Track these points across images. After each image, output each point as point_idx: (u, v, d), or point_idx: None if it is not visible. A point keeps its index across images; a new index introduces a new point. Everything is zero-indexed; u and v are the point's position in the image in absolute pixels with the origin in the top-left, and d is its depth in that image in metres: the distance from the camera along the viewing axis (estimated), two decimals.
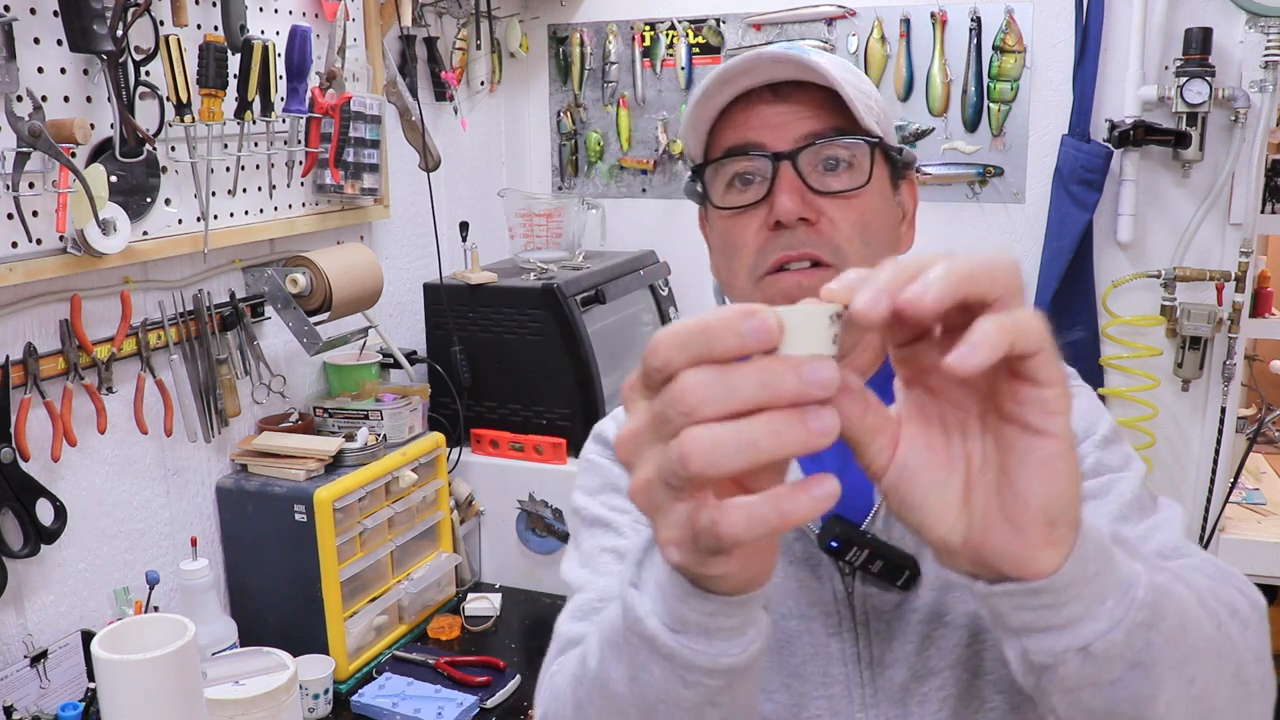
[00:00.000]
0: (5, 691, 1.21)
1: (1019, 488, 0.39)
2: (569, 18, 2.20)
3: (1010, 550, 0.40)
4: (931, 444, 0.41)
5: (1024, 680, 0.46)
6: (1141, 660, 0.43)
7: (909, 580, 0.67)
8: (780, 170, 0.67)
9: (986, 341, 0.35)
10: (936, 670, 0.67)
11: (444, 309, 1.81)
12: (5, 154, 1.14)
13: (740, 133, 0.69)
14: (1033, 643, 0.43)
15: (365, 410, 1.61)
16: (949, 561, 0.42)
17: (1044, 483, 0.39)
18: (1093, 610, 0.42)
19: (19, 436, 1.21)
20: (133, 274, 1.37)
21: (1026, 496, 0.39)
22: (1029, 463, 0.39)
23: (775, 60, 0.66)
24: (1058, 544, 0.40)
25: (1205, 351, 1.79)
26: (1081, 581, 0.41)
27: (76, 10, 1.18)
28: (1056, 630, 0.42)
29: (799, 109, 0.68)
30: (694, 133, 0.72)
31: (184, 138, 1.37)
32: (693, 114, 0.70)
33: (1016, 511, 0.39)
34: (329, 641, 1.46)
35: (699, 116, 0.70)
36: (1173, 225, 1.80)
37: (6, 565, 1.21)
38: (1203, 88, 1.66)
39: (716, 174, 0.71)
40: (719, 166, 0.70)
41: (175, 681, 1.01)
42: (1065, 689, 0.44)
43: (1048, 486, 0.39)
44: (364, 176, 1.67)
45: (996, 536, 0.40)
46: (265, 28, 1.49)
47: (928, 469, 0.40)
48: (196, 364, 1.45)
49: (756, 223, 0.69)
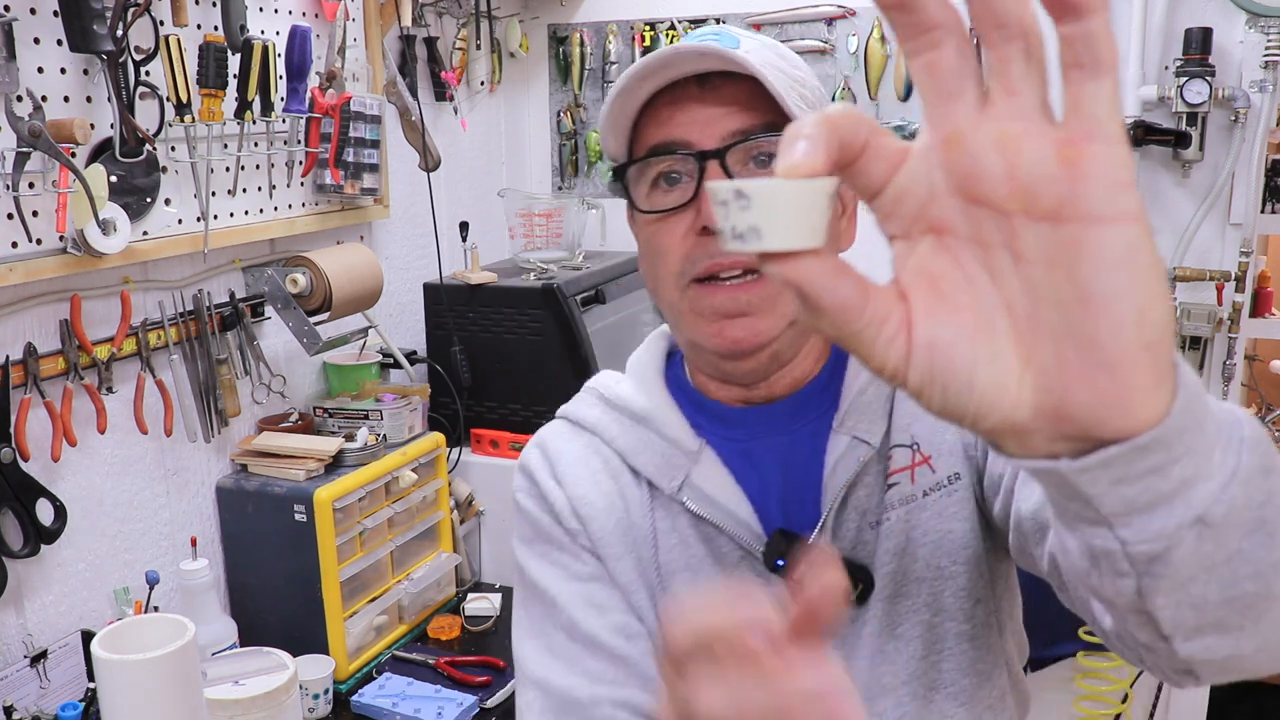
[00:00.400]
0: (5, 691, 1.21)
1: (1099, 307, 0.28)
2: (569, 18, 2.20)
3: (1105, 400, 0.29)
4: (956, 305, 0.31)
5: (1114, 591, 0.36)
6: (1265, 518, 0.35)
7: (862, 594, 0.65)
8: (707, 170, 0.63)
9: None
10: (890, 688, 0.66)
11: (444, 309, 1.81)
12: (5, 154, 1.14)
13: (665, 130, 0.65)
14: (1134, 530, 0.33)
15: (365, 410, 1.61)
16: (1017, 448, 0.32)
17: (1132, 287, 0.28)
18: (1204, 466, 0.33)
19: (19, 436, 1.21)
20: (133, 274, 1.37)
21: (1113, 315, 0.28)
22: (1105, 265, 0.28)
23: (698, 54, 0.62)
24: (1162, 375, 0.30)
25: (1205, 351, 1.79)
26: (1194, 427, 0.31)
27: (76, 10, 1.18)
28: (1165, 503, 0.32)
29: (726, 102, 0.64)
30: (614, 131, 0.67)
31: (184, 138, 1.37)
32: (611, 111, 0.66)
33: (1103, 342, 0.29)
34: (329, 641, 1.46)
35: (618, 113, 0.66)
36: (1173, 225, 1.80)
37: (6, 565, 1.21)
38: (1203, 88, 1.66)
39: (640, 174, 0.67)
40: (643, 166, 0.66)
41: (175, 681, 1.01)
42: (1176, 583, 0.35)
43: (1138, 291, 0.28)
44: (364, 176, 1.67)
45: (1082, 388, 0.29)
46: (265, 28, 1.49)
47: (963, 338, 0.31)
48: (196, 364, 1.45)
49: (683, 227, 0.64)
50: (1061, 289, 0.29)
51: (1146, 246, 0.28)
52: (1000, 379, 0.31)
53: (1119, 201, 0.28)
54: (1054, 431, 0.31)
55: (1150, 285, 0.29)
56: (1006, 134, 0.29)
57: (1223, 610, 0.36)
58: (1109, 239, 0.28)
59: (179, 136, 1.37)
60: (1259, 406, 2.16)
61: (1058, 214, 0.29)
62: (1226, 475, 0.33)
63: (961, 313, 0.31)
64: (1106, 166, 0.28)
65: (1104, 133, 0.28)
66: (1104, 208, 0.28)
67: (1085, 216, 0.28)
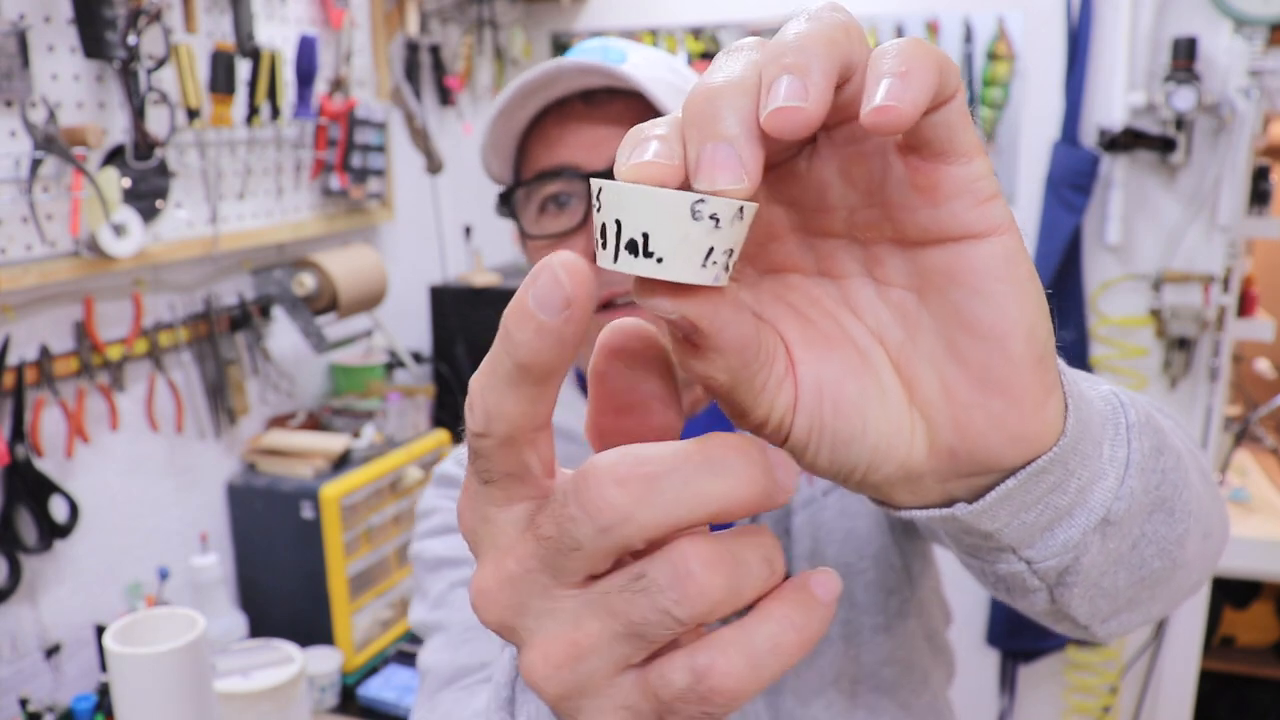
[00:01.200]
0: (20, 683, 1.23)
1: (983, 328, 0.26)
2: (571, 25, 2.23)
3: (1002, 425, 0.26)
4: (831, 337, 0.27)
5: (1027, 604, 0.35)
6: (1163, 497, 0.34)
7: None
8: None
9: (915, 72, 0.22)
10: (819, 690, 0.64)
11: (449, 310, 1.84)
12: (20, 159, 1.17)
13: (552, 152, 0.62)
14: (1038, 549, 0.31)
15: (371, 409, 1.64)
16: (909, 497, 0.29)
17: (1016, 302, 0.25)
18: (1097, 466, 0.30)
19: (33, 435, 1.24)
20: (144, 276, 1.40)
21: (999, 335, 0.26)
22: (983, 283, 0.25)
23: (580, 70, 0.59)
24: (1052, 387, 0.27)
25: (1192, 352, 1.83)
26: (1083, 432, 0.29)
27: (90, 18, 1.21)
28: (1067, 516, 0.30)
29: (614, 121, 0.60)
30: (497, 152, 0.64)
31: (194, 143, 1.40)
32: (491, 132, 0.62)
33: (992, 365, 0.26)
34: (336, 635, 1.49)
35: (500, 134, 0.63)
36: (1161, 228, 1.84)
37: (21, 560, 1.23)
38: (1190, 94, 1.70)
39: (528, 198, 0.64)
40: (530, 190, 0.63)
41: (186, 674, 1.03)
42: (1088, 582, 0.33)
43: (1023, 305, 0.26)
44: (370, 181, 1.70)
45: (975, 416, 0.26)
46: (274, 36, 1.53)
47: (848, 374, 0.27)
48: (206, 364, 1.48)
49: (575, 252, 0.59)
50: (938, 314, 0.26)
51: (1023, 256, 0.26)
52: (894, 420, 0.27)
53: (988, 215, 0.25)
54: (948, 470, 0.28)
55: (1033, 296, 0.26)
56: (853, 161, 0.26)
57: (1133, 590, 0.36)
58: (983, 255, 0.25)
59: (190, 142, 1.40)
60: (1244, 405, 2.19)
61: (923, 239, 0.26)
62: (1120, 469, 0.32)
63: (841, 346, 0.27)
64: (967, 183, 0.25)
65: (957, 149, 0.25)
66: (972, 225, 0.25)
67: (953, 237, 0.25)
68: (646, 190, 0.22)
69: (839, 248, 0.28)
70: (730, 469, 0.22)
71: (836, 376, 0.27)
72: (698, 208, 0.22)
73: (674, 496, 0.22)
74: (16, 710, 1.21)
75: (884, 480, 0.28)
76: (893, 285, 0.27)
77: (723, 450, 0.22)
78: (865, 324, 0.28)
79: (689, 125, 0.23)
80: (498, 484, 0.24)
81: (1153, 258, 1.85)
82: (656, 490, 0.22)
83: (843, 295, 0.28)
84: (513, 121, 0.62)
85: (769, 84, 0.22)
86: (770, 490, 0.23)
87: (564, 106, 0.62)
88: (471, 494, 0.25)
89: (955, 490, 0.28)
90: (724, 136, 0.22)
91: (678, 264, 0.22)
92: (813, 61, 0.22)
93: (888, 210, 0.26)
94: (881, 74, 0.22)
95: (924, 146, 0.25)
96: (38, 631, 1.28)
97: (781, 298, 0.28)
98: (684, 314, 0.24)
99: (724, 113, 0.23)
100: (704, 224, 0.22)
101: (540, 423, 0.23)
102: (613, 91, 0.61)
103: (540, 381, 0.22)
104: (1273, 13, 1.68)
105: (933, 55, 0.23)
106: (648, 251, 0.22)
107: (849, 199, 0.27)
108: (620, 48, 0.63)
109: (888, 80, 0.22)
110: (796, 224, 0.28)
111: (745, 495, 0.22)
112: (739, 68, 0.24)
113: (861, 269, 0.28)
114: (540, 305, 0.21)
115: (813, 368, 0.27)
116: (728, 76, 0.23)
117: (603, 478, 0.22)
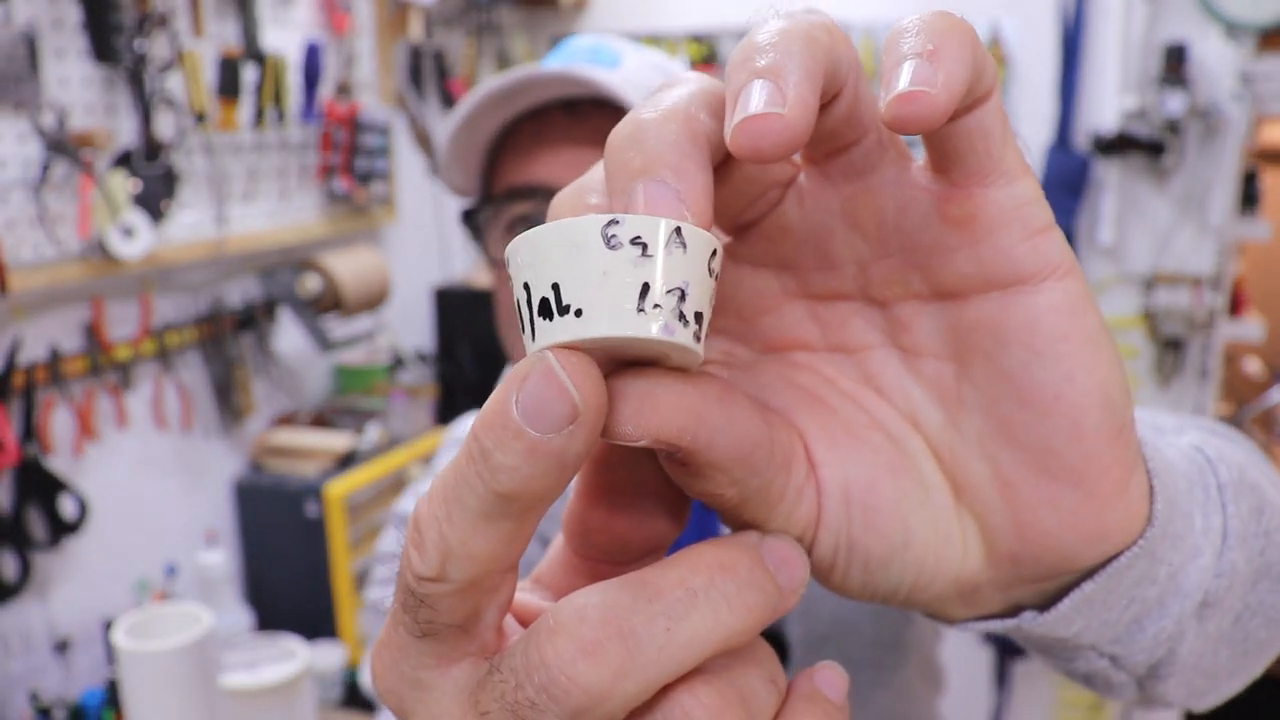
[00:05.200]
0: (30, 678, 1.25)
1: (1048, 400, 0.20)
2: (572, 29, 2.25)
3: (1076, 522, 0.21)
4: (856, 427, 0.22)
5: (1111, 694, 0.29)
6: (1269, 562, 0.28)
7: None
8: None
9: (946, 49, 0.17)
10: None
11: (451, 311, 1.87)
12: (30, 162, 1.19)
13: (525, 169, 0.54)
14: (1124, 646, 0.25)
15: (375, 408, 1.66)
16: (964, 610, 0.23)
17: (1087, 363, 0.20)
18: (1189, 543, 0.25)
19: (43, 434, 1.26)
20: (152, 278, 1.41)
21: (1069, 407, 0.20)
22: (1043, 341, 0.20)
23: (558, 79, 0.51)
24: (1134, 465, 0.21)
25: (1183, 352, 1.86)
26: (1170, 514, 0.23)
27: (99, 24, 1.23)
28: (1157, 608, 0.24)
29: (598, 137, 0.52)
30: (460, 165, 0.56)
31: (201, 146, 1.42)
32: (454, 143, 0.54)
33: (1060, 446, 0.20)
34: (341, 631, 1.51)
35: (463, 146, 0.54)
36: (1152, 230, 1.87)
37: (31, 557, 1.25)
38: (1181, 99, 1.72)
39: (496, 216, 0.55)
40: (499, 208, 0.55)
41: (193, 670, 1.05)
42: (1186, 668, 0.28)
43: (1093, 366, 0.20)
44: (374, 183, 1.72)
45: (1042, 513, 0.21)
46: (279, 41, 1.55)
47: (882, 474, 0.21)
48: (213, 364, 1.50)
49: None
50: (986, 386, 0.20)
51: (1089, 304, 0.20)
52: (941, 527, 0.21)
53: (1042, 252, 0.19)
54: (1011, 578, 0.22)
55: (1106, 354, 0.20)
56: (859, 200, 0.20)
57: (1235, 662, 0.30)
58: (1040, 306, 0.19)
59: (197, 145, 1.42)
60: (1234, 405, 2.22)
61: (960, 290, 0.20)
62: (1216, 541, 0.26)
63: (868, 437, 0.21)
64: (1013, 210, 0.19)
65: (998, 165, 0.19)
66: (1024, 265, 0.19)
67: (1000, 283, 0.20)
68: (544, 227, 0.17)
69: (852, 313, 0.22)
70: (722, 595, 0.18)
71: (866, 478, 0.21)
72: (611, 230, 0.16)
73: (658, 655, 0.17)
74: (27, 705, 1.23)
75: (934, 599, 0.22)
76: (925, 354, 0.21)
77: (709, 573, 0.18)
78: (895, 406, 0.22)
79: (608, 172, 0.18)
80: (439, 638, 0.18)
81: (1144, 259, 1.88)
82: (637, 651, 0.17)
83: (863, 372, 0.22)
84: (476, 133, 0.54)
85: (735, 95, 0.17)
86: (775, 603, 0.18)
87: (542, 116, 0.54)
88: (398, 648, 0.19)
89: (1020, 597, 0.23)
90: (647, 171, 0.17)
91: (601, 312, 0.16)
92: (788, 62, 0.17)
93: (911, 257, 0.20)
94: (903, 56, 0.17)
95: (955, 163, 0.19)
96: (47, 627, 1.29)
97: (788, 381, 0.22)
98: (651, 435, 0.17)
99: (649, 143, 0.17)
100: (625, 253, 0.16)
101: (513, 561, 0.18)
102: (598, 101, 0.53)
103: (524, 514, 0.17)
104: (1262, 18, 1.71)
105: (966, 33, 0.17)
106: (562, 307, 0.16)
107: (858, 250, 0.21)
108: (615, 49, 0.56)
109: (913, 62, 0.17)
110: (794, 289, 0.22)
111: (745, 625, 0.18)
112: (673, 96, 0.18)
113: (883, 337, 0.22)
114: (532, 418, 0.16)
115: (837, 469, 0.21)
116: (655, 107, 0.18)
117: (564, 650, 0.16)
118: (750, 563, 0.18)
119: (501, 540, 0.17)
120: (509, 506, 0.16)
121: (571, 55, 0.56)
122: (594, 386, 0.16)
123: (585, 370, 0.16)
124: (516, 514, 0.17)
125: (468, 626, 0.18)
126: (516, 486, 0.16)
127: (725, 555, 0.18)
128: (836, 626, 0.61)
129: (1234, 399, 2.23)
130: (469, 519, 0.17)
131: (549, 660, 0.16)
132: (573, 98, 0.53)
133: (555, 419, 0.16)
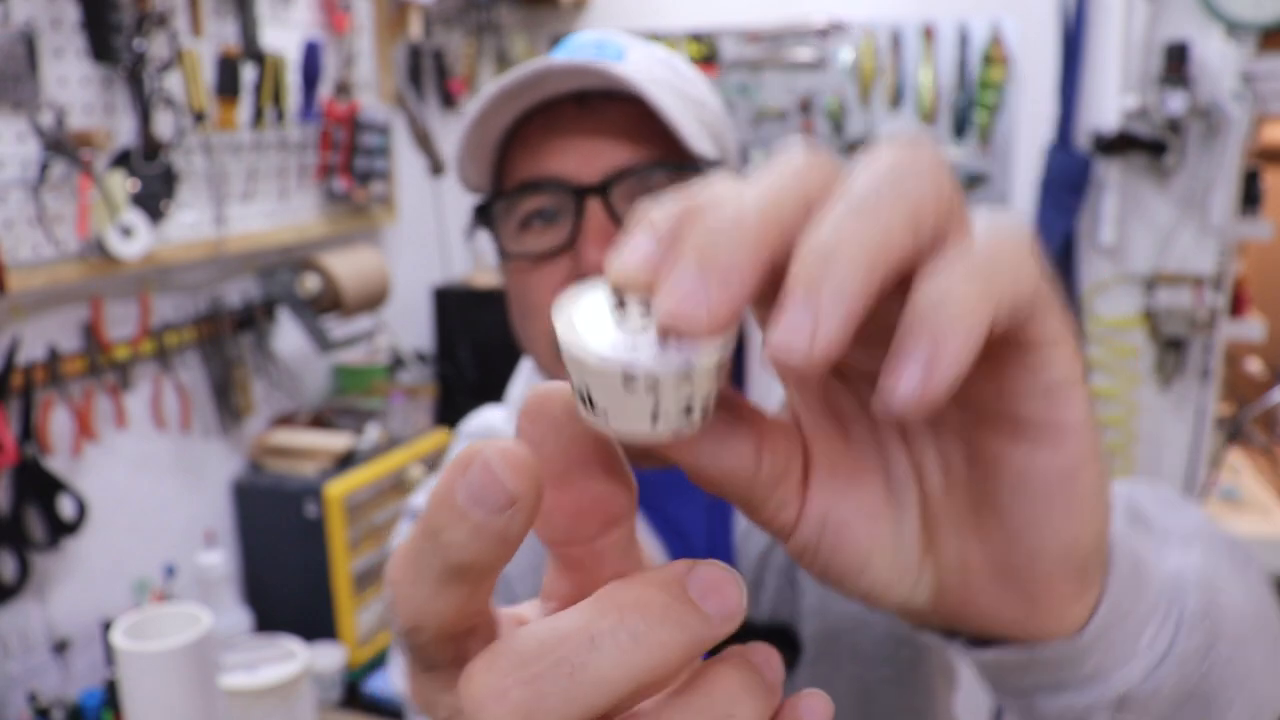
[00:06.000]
0: (29, 679, 1.25)
1: (1020, 530, 0.22)
2: (571, 28, 2.25)
3: (1010, 615, 0.24)
4: (861, 471, 0.24)
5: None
6: (1199, 690, 0.29)
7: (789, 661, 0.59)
8: (587, 209, 0.51)
9: (951, 333, 0.17)
10: None
11: (451, 311, 1.86)
12: (29, 162, 1.18)
13: (537, 162, 0.54)
14: (1044, 700, 0.28)
15: (374, 408, 1.66)
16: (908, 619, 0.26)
17: (1065, 518, 0.22)
18: (1129, 650, 0.27)
19: (42, 434, 1.26)
20: (151, 278, 1.41)
21: (1036, 543, 0.22)
22: (1033, 490, 0.22)
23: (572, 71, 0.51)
24: (1088, 585, 0.24)
25: (1184, 352, 1.85)
26: (1118, 621, 0.26)
27: (98, 23, 1.23)
28: (1076, 688, 0.27)
29: (610, 128, 0.53)
30: (474, 160, 0.56)
31: (200, 146, 1.42)
32: (469, 138, 0.54)
33: (1018, 567, 0.23)
34: (340, 631, 1.51)
35: (478, 140, 0.54)
36: (1153, 230, 1.86)
37: (30, 558, 1.25)
38: (1182, 98, 1.72)
39: (508, 211, 0.55)
40: (511, 202, 0.55)
41: (192, 670, 1.04)
42: None
43: (1070, 523, 0.22)
44: (373, 183, 1.72)
45: (986, 598, 0.24)
46: (279, 40, 1.54)
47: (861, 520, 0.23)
48: (212, 364, 1.50)
49: (560, 275, 0.53)
50: (977, 487, 0.23)
51: (1091, 469, 0.21)
52: (899, 568, 0.24)
53: (1060, 414, 0.21)
54: (947, 625, 0.26)
55: (1088, 515, 0.22)
56: None
57: None
58: (1036, 464, 0.21)
59: (196, 145, 1.42)
60: (1236, 404, 2.22)
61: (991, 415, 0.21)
62: (1157, 656, 0.28)
63: (868, 482, 0.23)
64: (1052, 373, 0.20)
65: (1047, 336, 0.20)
66: (1042, 419, 0.21)
67: (1016, 427, 0.21)
68: (574, 354, 0.19)
69: None
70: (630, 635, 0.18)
71: (847, 519, 0.23)
72: (630, 378, 0.18)
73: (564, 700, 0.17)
74: (25, 705, 1.23)
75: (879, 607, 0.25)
76: (946, 430, 0.23)
77: (618, 614, 0.18)
78: (910, 454, 0.24)
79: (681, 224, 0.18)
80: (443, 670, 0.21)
81: (1145, 259, 1.87)
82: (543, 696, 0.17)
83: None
84: (490, 128, 0.54)
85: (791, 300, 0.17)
86: (700, 634, 0.18)
87: (553, 109, 0.54)
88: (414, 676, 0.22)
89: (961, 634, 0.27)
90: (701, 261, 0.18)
91: (623, 422, 0.19)
92: (848, 273, 0.17)
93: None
94: (906, 351, 0.17)
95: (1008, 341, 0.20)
96: (46, 628, 1.29)
97: (830, 402, 0.24)
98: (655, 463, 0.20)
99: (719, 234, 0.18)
100: (640, 392, 0.18)
101: (480, 607, 0.20)
102: (609, 94, 0.54)
103: (478, 580, 0.18)
104: (1263, 17, 1.70)
105: (989, 286, 0.18)
106: (592, 404, 0.19)
107: None
108: (619, 43, 0.56)
109: (913, 361, 0.17)
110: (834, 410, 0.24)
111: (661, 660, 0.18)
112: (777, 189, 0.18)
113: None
114: (474, 504, 0.17)
115: (824, 502, 0.23)
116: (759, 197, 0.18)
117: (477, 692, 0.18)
118: (666, 599, 0.18)
119: (461, 600, 0.19)
120: (463, 575, 0.18)
121: (576, 50, 0.56)
122: (528, 478, 0.18)
123: (521, 463, 0.17)
124: (472, 580, 0.18)
125: (459, 659, 0.20)
126: (467, 559, 0.18)
127: (640, 594, 0.18)
128: (849, 622, 0.61)
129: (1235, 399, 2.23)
130: (429, 584, 0.19)
131: (465, 701, 0.18)
132: (587, 89, 0.53)
133: (494, 505, 0.17)
